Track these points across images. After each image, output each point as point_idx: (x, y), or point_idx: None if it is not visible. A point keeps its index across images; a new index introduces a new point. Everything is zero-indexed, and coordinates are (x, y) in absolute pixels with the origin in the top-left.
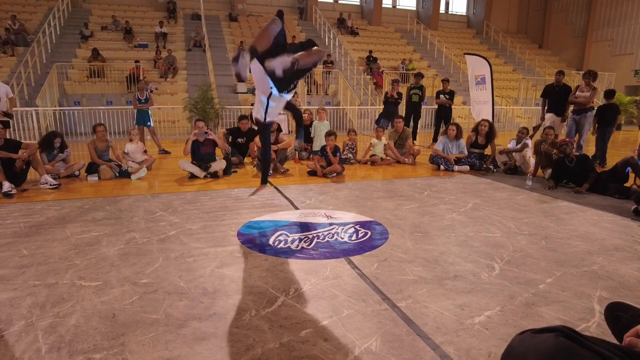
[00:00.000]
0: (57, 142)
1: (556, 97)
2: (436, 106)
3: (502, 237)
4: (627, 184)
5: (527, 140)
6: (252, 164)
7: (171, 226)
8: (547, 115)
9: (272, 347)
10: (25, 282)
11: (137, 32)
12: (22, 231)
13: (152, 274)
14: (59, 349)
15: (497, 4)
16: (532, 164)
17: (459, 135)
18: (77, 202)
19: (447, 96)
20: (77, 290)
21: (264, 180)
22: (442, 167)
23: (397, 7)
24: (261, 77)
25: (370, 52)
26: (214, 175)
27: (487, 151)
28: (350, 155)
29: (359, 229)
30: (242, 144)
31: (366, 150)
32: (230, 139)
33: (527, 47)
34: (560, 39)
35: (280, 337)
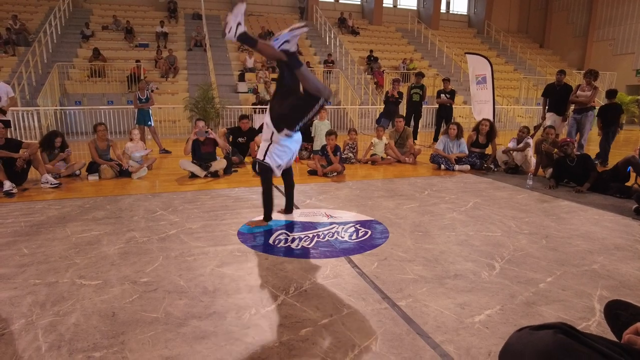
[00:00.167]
0: (58, 142)
1: (557, 97)
2: (437, 106)
3: (502, 237)
4: (628, 184)
5: (529, 139)
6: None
7: (171, 225)
8: (548, 114)
9: (271, 346)
10: (25, 281)
11: (138, 31)
12: (23, 230)
13: (152, 272)
14: (58, 347)
15: (498, 4)
16: (533, 164)
17: (459, 134)
18: (77, 202)
19: (448, 95)
20: (77, 289)
21: (268, 217)
22: (442, 166)
23: (398, 6)
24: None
25: (371, 51)
26: (215, 174)
27: (488, 150)
28: (350, 154)
29: (359, 228)
30: (243, 144)
31: (367, 149)
32: (230, 139)
33: (528, 47)
34: (561, 38)
35: (280, 336)
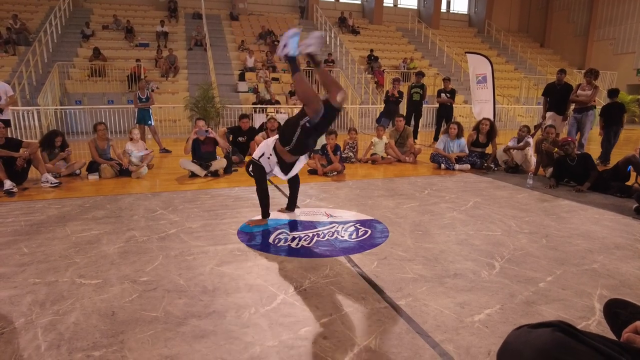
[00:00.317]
0: (58, 141)
1: (557, 96)
2: (437, 105)
3: (502, 236)
4: (628, 183)
5: (529, 138)
6: None
7: (171, 224)
8: (549, 114)
9: (271, 345)
10: (25, 280)
11: (138, 31)
12: (23, 229)
13: (151, 272)
14: (58, 346)
15: (498, 3)
16: (533, 163)
17: (460, 134)
18: (77, 201)
19: (448, 95)
20: (77, 288)
21: (265, 214)
22: (443, 165)
23: (398, 5)
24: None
25: (371, 51)
26: (215, 174)
27: (488, 150)
28: (351, 154)
29: (359, 227)
30: (243, 143)
31: (367, 149)
32: (231, 138)
33: (528, 46)
34: (561, 37)
35: (279, 335)
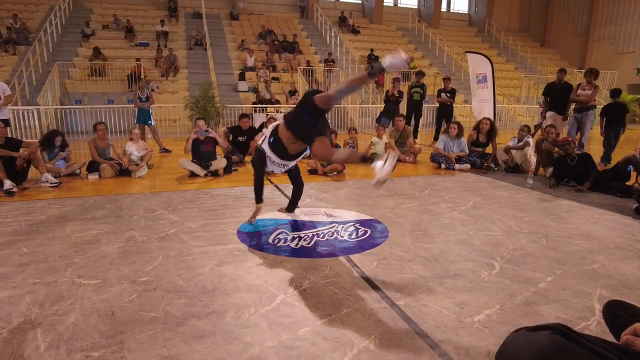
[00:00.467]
0: (58, 141)
1: (557, 96)
2: (437, 105)
3: (502, 236)
4: (628, 183)
5: (529, 138)
6: None
7: (171, 224)
8: (549, 113)
9: (270, 345)
10: (24, 280)
11: (138, 30)
12: (23, 229)
13: (151, 272)
14: (57, 346)
15: (498, 3)
16: (533, 163)
17: (460, 133)
18: (77, 201)
19: (448, 94)
20: (77, 288)
21: (259, 199)
22: (443, 165)
23: (399, 5)
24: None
25: (371, 50)
26: (215, 173)
27: (488, 150)
28: None
29: (359, 227)
30: (243, 143)
31: (367, 148)
32: (231, 138)
33: (528, 46)
34: (562, 37)
35: (278, 335)
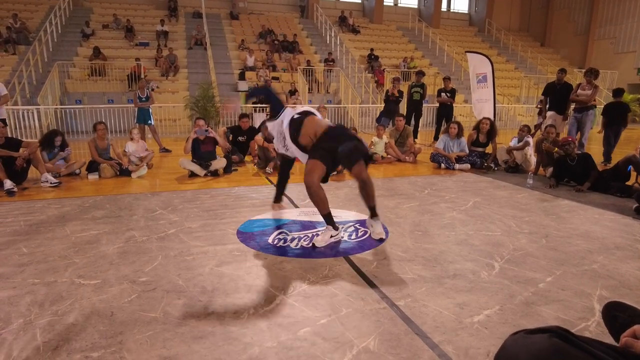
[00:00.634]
0: (58, 141)
1: (557, 96)
2: (437, 104)
3: (502, 236)
4: (628, 183)
5: (529, 138)
6: (253, 162)
7: (171, 224)
8: (549, 113)
9: (270, 345)
10: (24, 281)
11: (138, 30)
12: (22, 229)
13: (151, 272)
14: (57, 347)
15: (499, 2)
16: (533, 163)
17: (460, 133)
18: (77, 201)
19: (448, 94)
20: (76, 288)
21: (278, 198)
22: (443, 165)
23: (399, 5)
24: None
25: (371, 50)
26: (215, 173)
27: (489, 149)
28: None
29: (358, 227)
30: (243, 142)
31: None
32: (230, 137)
33: (529, 45)
34: (562, 36)
35: (278, 335)
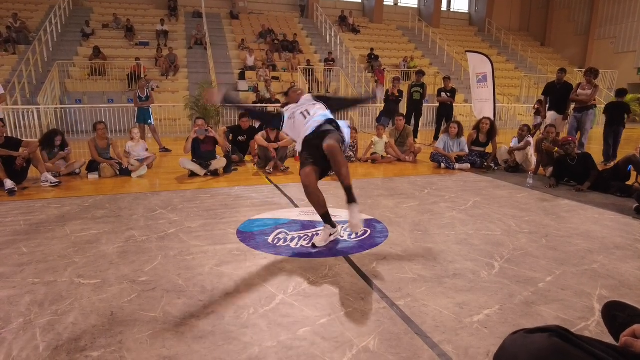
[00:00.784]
0: (58, 140)
1: (557, 95)
2: (437, 104)
3: (502, 236)
4: (628, 182)
5: (529, 137)
6: (253, 162)
7: (171, 224)
8: (549, 113)
9: (270, 345)
10: (24, 280)
11: (138, 30)
12: (22, 229)
13: (150, 272)
14: (56, 347)
15: (499, 2)
16: (533, 162)
17: (460, 133)
18: (77, 200)
19: (448, 94)
20: (76, 288)
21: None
22: (443, 165)
23: (399, 4)
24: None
25: (371, 49)
26: (214, 173)
27: (489, 149)
28: (351, 153)
29: None
30: (243, 142)
31: (367, 148)
32: (230, 137)
33: (529, 45)
34: (562, 36)
35: (278, 335)
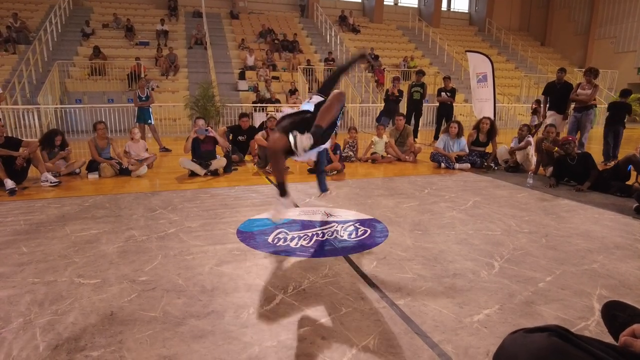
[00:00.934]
0: (58, 140)
1: (557, 95)
2: (437, 104)
3: (502, 235)
4: (628, 182)
5: (529, 137)
6: (253, 161)
7: (170, 224)
8: (549, 113)
9: (269, 345)
10: (24, 280)
11: (139, 30)
12: (22, 229)
13: (150, 271)
14: (56, 346)
15: (499, 2)
16: (533, 162)
17: (460, 133)
18: (77, 200)
19: (448, 94)
20: (76, 287)
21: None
22: (443, 165)
23: (399, 4)
24: None
25: (371, 49)
26: (214, 173)
27: (489, 149)
28: (351, 153)
29: (358, 226)
30: (243, 142)
31: (367, 148)
32: (230, 137)
33: (529, 45)
34: (562, 36)
35: (278, 335)
